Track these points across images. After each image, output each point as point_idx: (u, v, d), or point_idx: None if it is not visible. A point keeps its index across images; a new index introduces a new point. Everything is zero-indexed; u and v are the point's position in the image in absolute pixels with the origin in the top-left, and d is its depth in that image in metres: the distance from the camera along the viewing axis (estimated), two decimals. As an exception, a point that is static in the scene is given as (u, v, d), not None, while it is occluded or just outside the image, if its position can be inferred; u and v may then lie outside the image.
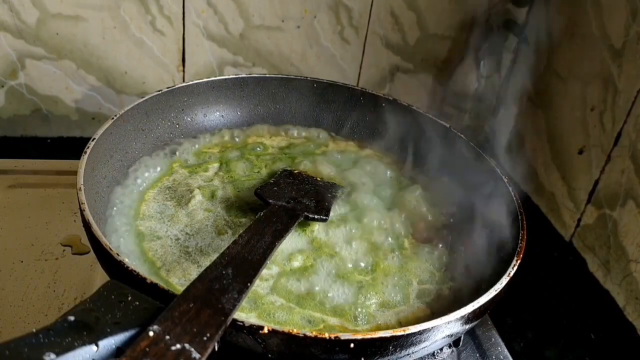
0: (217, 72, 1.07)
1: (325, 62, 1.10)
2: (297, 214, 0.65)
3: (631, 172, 0.82)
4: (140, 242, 0.64)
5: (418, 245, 0.70)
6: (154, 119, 0.78)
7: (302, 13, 1.04)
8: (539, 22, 1.07)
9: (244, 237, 0.55)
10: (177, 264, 0.62)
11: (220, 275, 0.47)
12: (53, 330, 0.38)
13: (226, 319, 0.42)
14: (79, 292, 0.71)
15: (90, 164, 0.63)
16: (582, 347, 0.80)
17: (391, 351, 0.49)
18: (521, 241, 0.62)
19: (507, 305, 0.82)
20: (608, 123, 0.87)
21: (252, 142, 0.85)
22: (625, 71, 0.84)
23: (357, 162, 0.84)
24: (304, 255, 0.65)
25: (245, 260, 0.51)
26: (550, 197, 1.01)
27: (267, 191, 0.69)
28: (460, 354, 0.68)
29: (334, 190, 0.75)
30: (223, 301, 0.44)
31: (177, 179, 0.74)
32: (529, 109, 1.09)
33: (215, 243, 0.65)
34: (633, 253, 0.81)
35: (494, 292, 0.55)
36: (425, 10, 1.08)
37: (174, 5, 0.99)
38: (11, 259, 0.74)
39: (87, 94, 1.04)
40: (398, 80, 1.16)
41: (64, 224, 0.81)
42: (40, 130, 1.06)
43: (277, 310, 0.58)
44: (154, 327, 0.39)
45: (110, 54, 1.01)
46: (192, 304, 0.42)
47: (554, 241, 0.98)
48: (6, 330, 0.65)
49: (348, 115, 0.90)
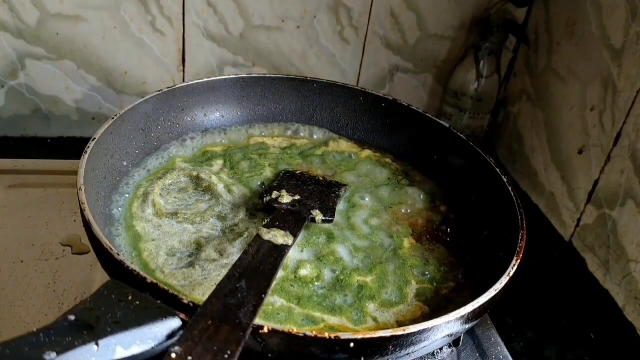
0: (217, 72, 1.07)
1: (325, 62, 1.10)
2: (304, 217, 0.65)
3: (631, 172, 0.82)
4: (137, 243, 0.64)
5: (417, 245, 0.70)
6: (154, 119, 0.78)
7: (302, 13, 1.04)
8: (539, 22, 1.07)
9: (253, 246, 0.56)
10: (176, 265, 0.62)
11: (234, 289, 0.47)
12: (54, 330, 0.39)
13: (245, 334, 0.42)
14: (79, 292, 0.71)
15: (90, 164, 0.63)
16: (582, 347, 0.80)
17: (391, 351, 0.49)
18: (521, 241, 0.62)
19: (507, 305, 0.82)
20: (608, 123, 0.87)
21: (254, 143, 0.85)
22: (625, 71, 0.85)
23: (357, 162, 0.84)
24: (308, 263, 0.65)
25: (258, 271, 0.51)
26: (550, 197, 1.01)
27: (271, 195, 0.69)
28: (460, 354, 0.68)
29: (337, 189, 0.75)
30: (240, 316, 0.44)
31: (178, 179, 0.74)
32: (529, 109, 1.10)
33: (222, 245, 0.64)
34: (633, 253, 0.81)
35: (493, 292, 0.55)
36: (425, 10, 1.08)
37: (174, 5, 0.99)
38: (11, 259, 0.74)
39: (87, 94, 1.04)
40: (398, 80, 1.16)
41: (64, 224, 0.81)
42: (40, 130, 1.06)
43: (277, 310, 0.58)
44: (176, 348, 0.39)
45: (111, 54, 1.01)
46: (211, 321, 0.42)
47: (553, 241, 0.98)
48: (6, 330, 0.65)
49: (348, 115, 0.90)
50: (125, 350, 0.40)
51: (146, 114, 0.77)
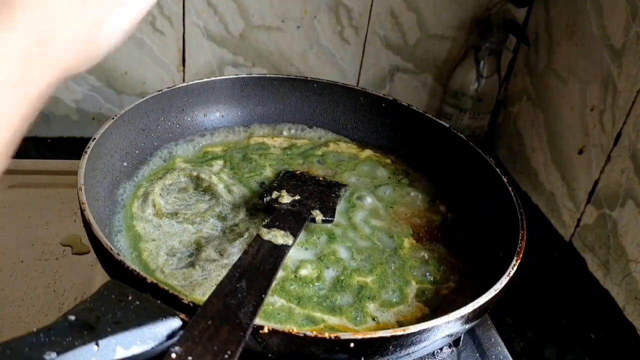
0: (217, 72, 1.07)
1: (325, 62, 1.10)
2: (304, 217, 0.65)
3: (631, 172, 0.82)
4: (137, 243, 0.64)
5: (417, 245, 0.70)
6: (154, 119, 0.78)
7: (302, 13, 1.04)
8: (539, 22, 1.07)
9: (253, 246, 0.56)
10: (176, 265, 0.62)
11: (234, 289, 0.47)
12: (54, 330, 0.39)
13: (245, 334, 0.42)
14: (79, 292, 0.71)
15: (90, 164, 0.63)
16: (582, 347, 0.80)
17: (391, 351, 0.49)
18: (521, 241, 0.62)
19: (507, 305, 0.82)
20: (608, 123, 0.87)
21: (254, 143, 0.85)
22: (625, 71, 0.85)
23: (357, 162, 0.84)
24: (308, 263, 0.65)
25: (258, 271, 0.51)
26: (550, 197, 1.01)
27: (271, 195, 0.69)
28: (460, 354, 0.68)
29: (337, 189, 0.75)
30: (240, 316, 0.44)
31: (178, 179, 0.74)
32: (529, 109, 1.10)
33: (222, 245, 0.64)
34: (633, 253, 0.81)
35: (493, 292, 0.55)
36: (425, 10, 1.08)
37: (174, 5, 0.99)
38: (11, 259, 0.74)
39: (87, 94, 1.04)
40: (398, 80, 1.16)
41: (64, 224, 0.81)
42: (40, 130, 1.06)
43: (277, 310, 0.58)
44: (176, 348, 0.39)
45: (111, 54, 1.00)
46: (211, 321, 0.42)
47: (553, 241, 0.98)
48: (6, 330, 0.65)
49: (348, 115, 0.90)
50: (125, 350, 0.40)
51: (146, 114, 0.77)
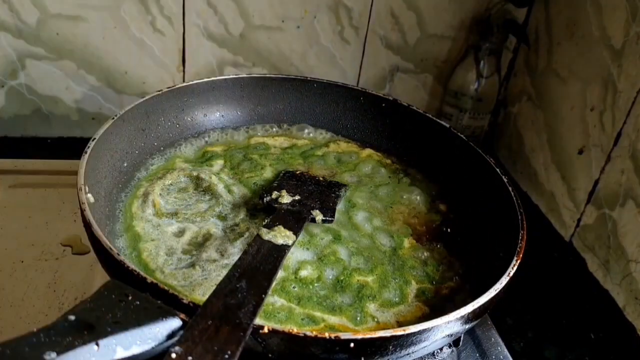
0: (217, 72, 1.07)
1: (325, 62, 1.10)
2: (304, 217, 0.65)
3: (631, 172, 0.82)
4: (137, 243, 0.64)
5: (417, 245, 0.70)
6: (154, 119, 0.78)
7: (302, 13, 1.04)
8: (539, 22, 1.07)
9: (253, 246, 0.56)
10: (176, 265, 0.62)
11: (234, 289, 0.47)
12: (54, 330, 0.39)
13: (245, 334, 0.42)
14: (79, 292, 0.71)
15: (90, 164, 0.63)
16: (582, 347, 0.80)
17: (391, 351, 0.49)
18: (521, 241, 0.62)
19: (507, 305, 0.82)
20: (608, 123, 0.87)
21: (254, 143, 0.85)
22: (625, 71, 0.85)
23: (357, 162, 0.84)
24: (308, 263, 0.65)
25: (258, 270, 0.51)
26: (550, 197, 1.01)
27: (271, 195, 0.69)
28: (460, 354, 0.68)
29: (337, 189, 0.75)
30: (240, 316, 0.44)
31: (178, 179, 0.74)
32: (529, 109, 1.10)
33: (222, 245, 0.64)
34: (633, 253, 0.81)
35: (493, 292, 0.55)
36: (425, 10, 1.08)
37: (174, 5, 0.99)
38: (11, 259, 0.74)
39: (87, 94, 1.04)
40: (398, 80, 1.16)
41: (64, 224, 0.81)
42: (40, 130, 1.06)
43: (278, 309, 0.58)
44: (176, 348, 0.39)
45: (111, 54, 1.01)
46: (211, 321, 0.42)
47: (553, 241, 0.98)
48: (6, 330, 0.65)
49: (348, 115, 0.90)
50: (125, 350, 0.40)
51: (146, 114, 0.77)
